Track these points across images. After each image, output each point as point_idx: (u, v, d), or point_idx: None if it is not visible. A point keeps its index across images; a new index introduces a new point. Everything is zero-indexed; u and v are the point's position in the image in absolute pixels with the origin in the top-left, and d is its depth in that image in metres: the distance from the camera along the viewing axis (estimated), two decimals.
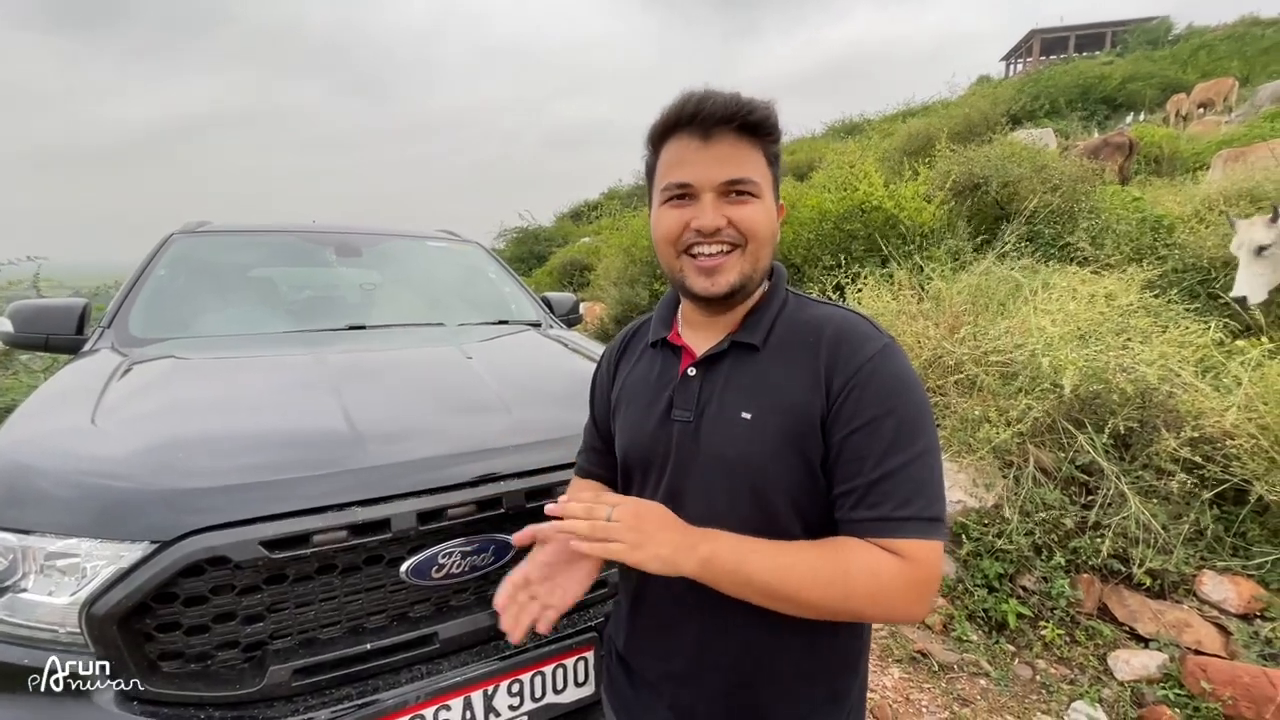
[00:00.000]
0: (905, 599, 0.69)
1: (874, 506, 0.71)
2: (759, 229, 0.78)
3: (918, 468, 0.71)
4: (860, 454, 0.72)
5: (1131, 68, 18.03)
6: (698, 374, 0.84)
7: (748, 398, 0.79)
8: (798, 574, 0.69)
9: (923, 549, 0.70)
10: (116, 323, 2.02)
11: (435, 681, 1.11)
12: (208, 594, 1.01)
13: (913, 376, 0.76)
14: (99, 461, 1.10)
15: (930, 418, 0.75)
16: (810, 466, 0.76)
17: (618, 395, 0.97)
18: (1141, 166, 8.81)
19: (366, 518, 1.09)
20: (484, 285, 2.79)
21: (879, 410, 0.72)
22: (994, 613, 2.37)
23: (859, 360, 0.75)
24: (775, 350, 0.81)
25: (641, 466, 0.89)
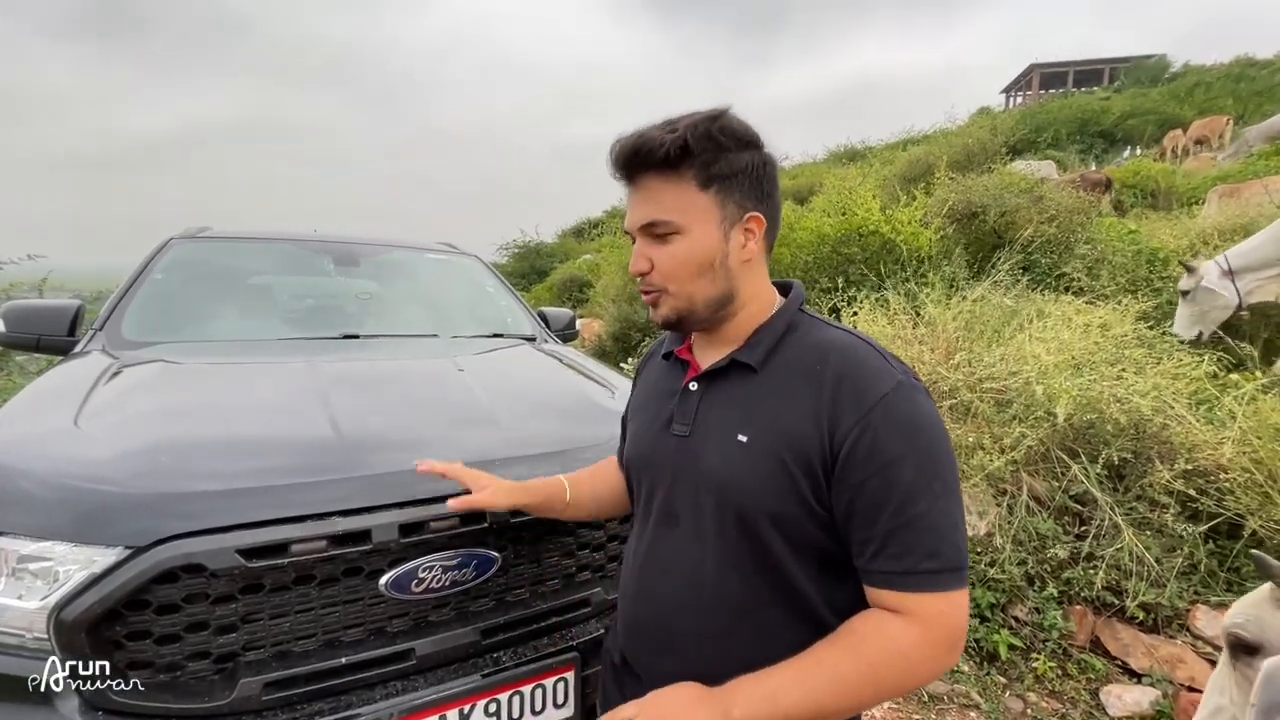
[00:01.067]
0: (934, 662, 0.69)
1: (896, 558, 0.69)
2: (676, 269, 0.79)
3: (939, 513, 0.69)
4: (877, 501, 0.70)
5: (1129, 103, 18.34)
6: (698, 389, 0.85)
7: (744, 420, 0.78)
8: (827, 690, 0.68)
9: (948, 602, 0.69)
10: (109, 325, 2.01)
11: (411, 699, 1.08)
12: (181, 602, 0.99)
13: (928, 414, 0.72)
14: (77, 464, 1.08)
15: (950, 458, 0.72)
16: (801, 495, 0.73)
17: (632, 402, 1.02)
18: (1138, 200, 8.92)
19: (347, 528, 1.07)
20: (480, 298, 2.80)
21: (892, 455, 0.69)
22: (985, 643, 2.34)
23: (869, 401, 0.71)
24: (776, 373, 0.79)
25: (640, 477, 0.91)
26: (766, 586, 0.76)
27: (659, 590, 0.83)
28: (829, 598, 0.76)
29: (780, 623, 0.76)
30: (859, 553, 0.72)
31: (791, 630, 0.75)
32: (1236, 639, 1.09)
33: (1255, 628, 1.06)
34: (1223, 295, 3.71)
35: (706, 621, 0.79)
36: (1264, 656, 1.05)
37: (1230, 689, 1.12)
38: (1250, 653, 1.08)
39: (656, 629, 0.84)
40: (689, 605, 0.80)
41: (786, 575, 0.76)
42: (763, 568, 0.76)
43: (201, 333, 2.08)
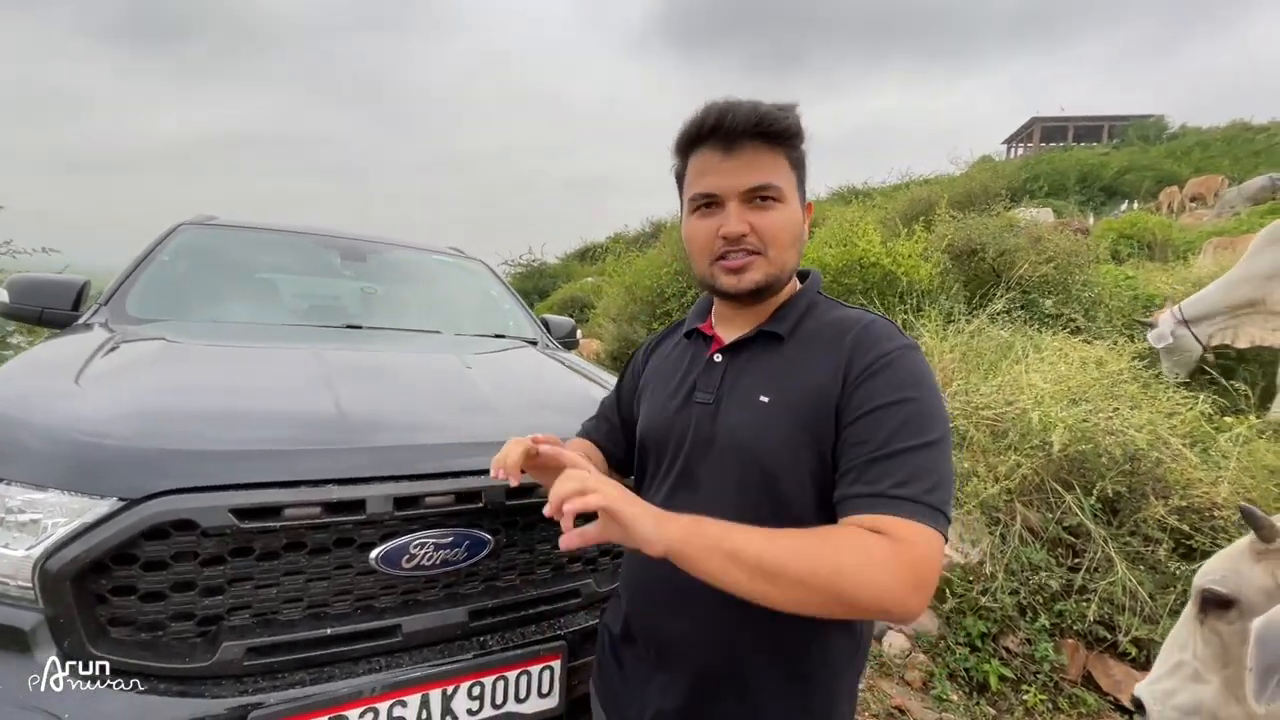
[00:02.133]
0: (898, 580, 0.63)
1: (870, 483, 0.69)
2: (779, 234, 0.82)
3: (923, 456, 0.69)
4: (865, 436, 0.72)
5: (1128, 159, 18.77)
6: (723, 360, 0.87)
7: (768, 383, 0.81)
8: (785, 549, 0.65)
9: (917, 531, 0.66)
10: (114, 302, 2.02)
11: (394, 675, 1.06)
12: (169, 559, 0.98)
13: (930, 377, 0.76)
14: (76, 417, 1.08)
15: (944, 418, 0.74)
16: (820, 451, 0.76)
17: (644, 381, 1.01)
18: (1135, 250, 9.06)
19: (342, 497, 1.06)
20: (484, 301, 2.82)
21: (891, 398, 0.72)
22: (975, 673, 2.30)
23: (878, 351, 0.76)
24: (801, 341, 0.83)
25: (657, 448, 0.90)
26: None
27: None
28: None
29: None
30: (840, 484, 0.73)
31: None
32: (1211, 594, 1.08)
33: (1232, 582, 1.06)
34: (1186, 341, 3.98)
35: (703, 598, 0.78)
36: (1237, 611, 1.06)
37: (1195, 644, 1.12)
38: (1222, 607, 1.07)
39: (667, 591, 0.83)
40: None
41: None
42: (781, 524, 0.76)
43: (205, 315, 2.09)
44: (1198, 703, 1.12)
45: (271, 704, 0.97)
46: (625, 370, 1.10)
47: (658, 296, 6.55)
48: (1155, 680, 1.20)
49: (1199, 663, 1.11)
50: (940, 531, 0.68)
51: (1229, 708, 1.07)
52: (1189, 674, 1.12)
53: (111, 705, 0.90)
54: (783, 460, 0.77)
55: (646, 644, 0.87)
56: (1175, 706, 1.14)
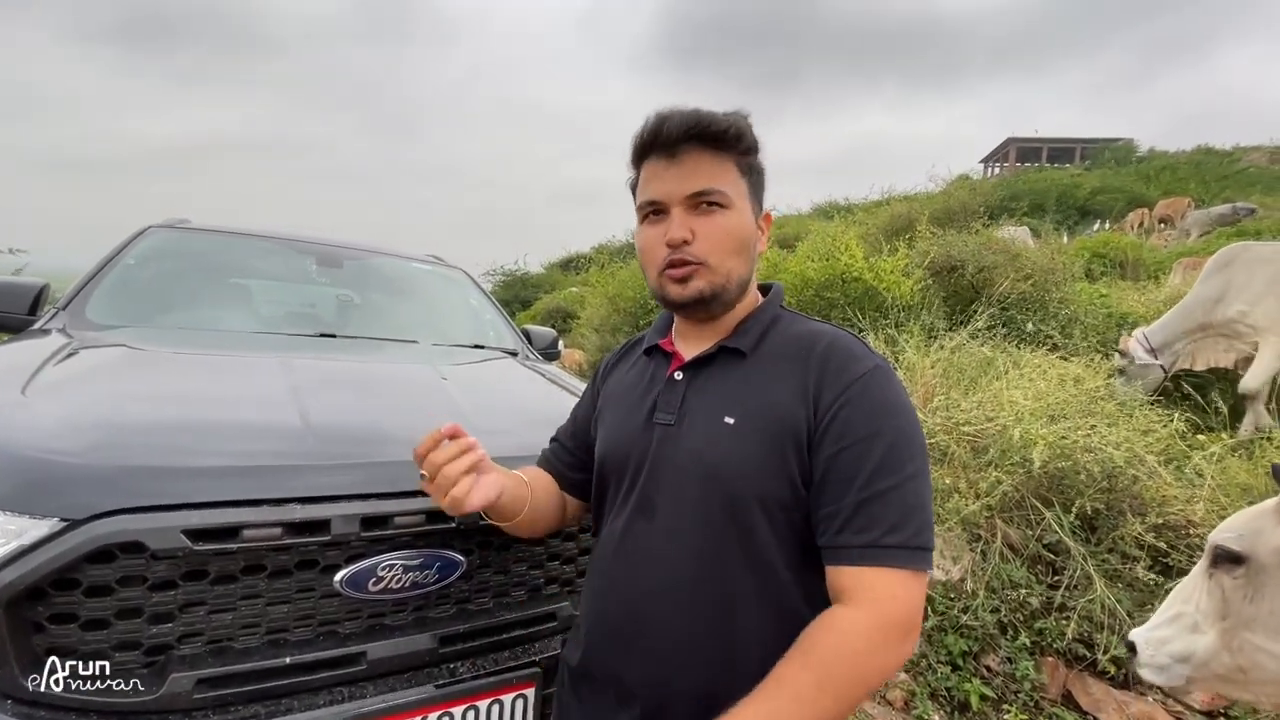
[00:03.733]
0: (886, 649, 0.66)
1: (861, 531, 0.68)
2: (722, 240, 0.79)
3: (907, 492, 0.69)
4: (847, 475, 0.70)
5: (1100, 180, 19.28)
6: (684, 378, 0.84)
7: (732, 403, 0.78)
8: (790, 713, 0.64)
9: (904, 583, 0.67)
10: (73, 307, 1.93)
11: (357, 706, 1.00)
12: (114, 584, 0.91)
13: (904, 400, 0.74)
14: (15, 430, 1.01)
15: (921, 443, 0.73)
16: (790, 477, 0.73)
17: (602, 401, 0.97)
18: (1108, 269, 9.27)
19: (305, 516, 1.01)
20: (464, 310, 2.76)
21: (867, 431, 0.71)
22: (957, 692, 2.28)
23: (848, 378, 0.73)
24: (764, 359, 0.80)
25: (617, 472, 0.86)
26: (748, 576, 0.73)
27: (632, 583, 0.79)
28: (808, 592, 0.74)
29: (757, 617, 0.73)
30: (824, 529, 0.71)
31: (768, 625, 0.72)
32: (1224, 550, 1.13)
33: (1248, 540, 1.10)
34: (1153, 367, 4.17)
35: (682, 614, 0.75)
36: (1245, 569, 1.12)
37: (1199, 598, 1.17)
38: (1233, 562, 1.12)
39: (626, 622, 0.79)
40: (665, 597, 0.76)
41: (769, 564, 0.73)
42: (746, 556, 0.73)
43: (170, 322, 2.01)
44: (1190, 652, 1.17)
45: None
46: (583, 395, 1.07)
47: (640, 308, 6.53)
48: (1153, 628, 1.25)
49: (1200, 615, 1.16)
50: (927, 569, 0.69)
51: (1220, 657, 1.14)
52: (1188, 625, 1.18)
53: None
54: (748, 484, 0.74)
55: (605, 680, 0.82)
56: (1168, 653, 1.20)
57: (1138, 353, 4.25)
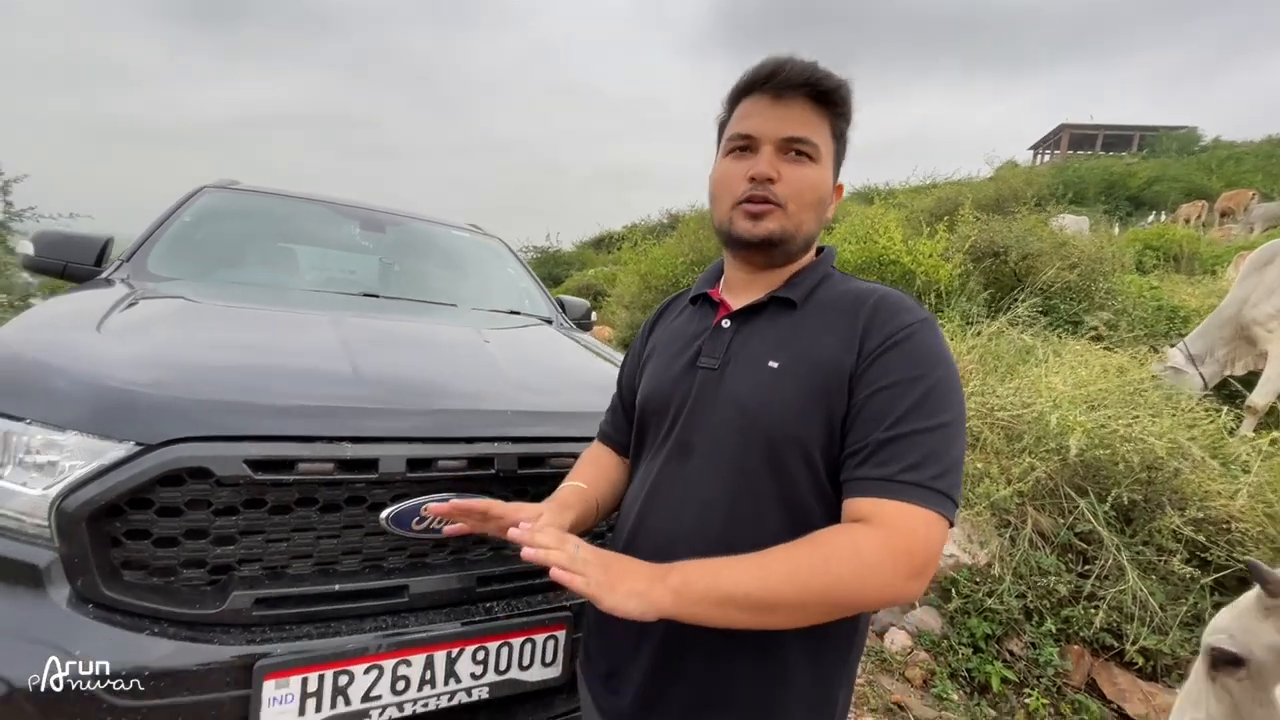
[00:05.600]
0: (892, 573, 0.64)
1: (881, 465, 0.68)
2: (804, 191, 0.80)
3: (937, 437, 0.68)
4: (879, 414, 0.70)
5: (1157, 169, 18.40)
6: (731, 326, 0.85)
7: (778, 349, 0.78)
8: (777, 574, 0.64)
9: (919, 517, 0.65)
10: (135, 259, 2.03)
11: (399, 634, 1.06)
12: (183, 506, 0.98)
13: (947, 354, 0.74)
14: (97, 363, 1.09)
15: (960, 397, 0.73)
16: (831, 424, 0.73)
17: (648, 352, 0.98)
18: (1160, 262, 8.90)
19: (355, 455, 1.06)
20: (501, 277, 2.81)
21: (906, 375, 0.71)
22: (978, 674, 2.28)
23: (896, 325, 0.74)
24: (814, 310, 0.81)
25: (657, 415, 0.88)
26: (783, 521, 0.74)
27: (663, 523, 0.81)
28: None
29: None
30: (847, 464, 0.71)
31: None
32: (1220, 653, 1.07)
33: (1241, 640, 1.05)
34: (1190, 378, 3.95)
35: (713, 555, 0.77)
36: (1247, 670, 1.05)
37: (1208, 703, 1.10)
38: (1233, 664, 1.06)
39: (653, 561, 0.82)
40: (696, 538, 0.77)
41: (805, 509, 0.74)
42: (781, 500, 0.74)
43: (224, 276, 2.10)
44: None
45: (278, 654, 0.97)
46: (627, 357, 1.07)
47: (672, 285, 6.52)
48: None
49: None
50: (946, 516, 0.67)
51: None
52: None
53: (123, 645, 0.91)
54: (789, 428, 0.74)
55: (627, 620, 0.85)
56: None
57: (1177, 361, 4.10)
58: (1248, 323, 3.93)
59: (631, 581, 0.65)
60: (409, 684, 1.06)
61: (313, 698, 0.99)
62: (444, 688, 1.09)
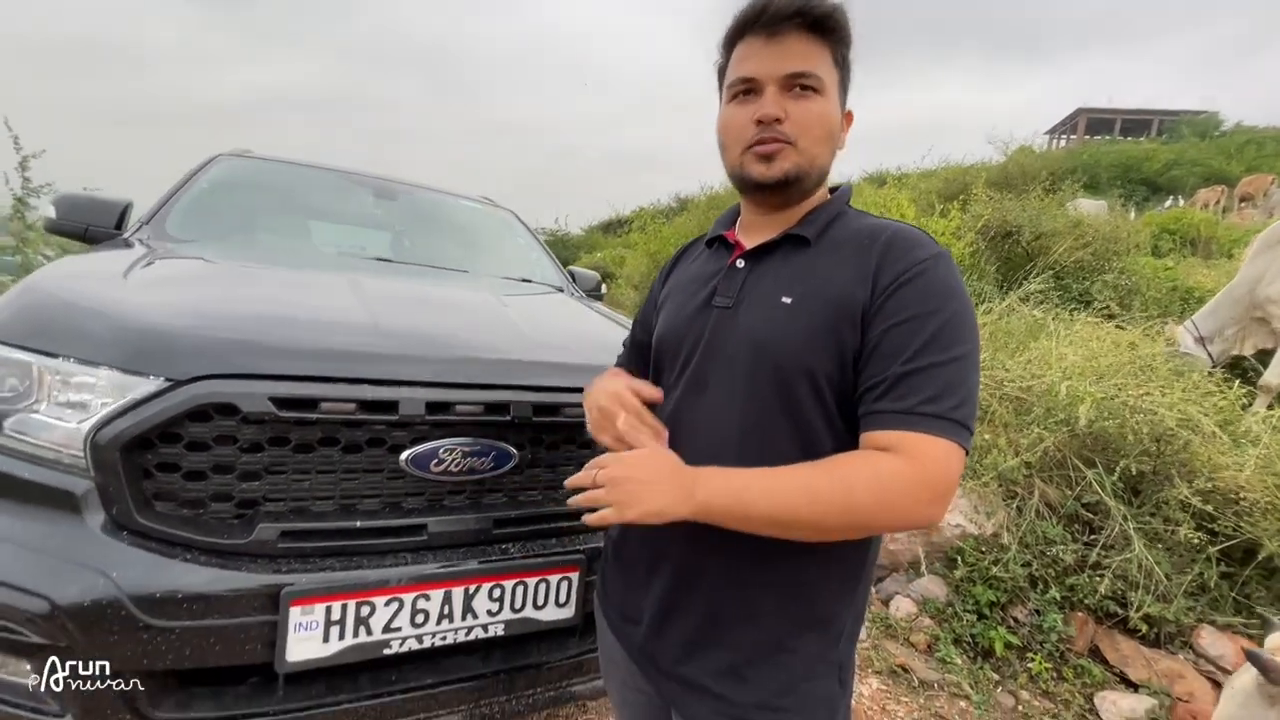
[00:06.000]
0: (914, 499, 0.67)
1: (899, 399, 0.69)
2: (813, 125, 0.80)
3: (952, 370, 0.69)
4: (894, 350, 0.71)
5: (1175, 153, 18.07)
6: (745, 266, 0.86)
7: (791, 285, 0.79)
8: (797, 497, 0.67)
9: (940, 447, 0.67)
10: (154, 223, 2.07)
11: (419, 569, 1.10)
12: (210, 442, 1.02)
13: (961, 288, 0.75)
14: (125, 304, 1.12)
15: (974, 330, 0.73)
16: (843, 358, 0.74)
17: (665, 295, 1.00)
18: (1176, 246, 8.78)
19: (375, 396, 1.09)
20: (513, 247, 2.83)
21: (921, 309, 0.71)
22: (981, 639, 2.31)
23: (910, 261, 0.74)
24: (828, 247, 0.81)
25: (672, 353, 0.89)
26: (793, 449, 0.76)
27: (679, 452, 0.83)
28: None
29: None
30: (865, 399, 0.72)
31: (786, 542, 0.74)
32: None
33: None
34: (1198, 359, 3.91)
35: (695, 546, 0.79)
36: None
37: None
38: None
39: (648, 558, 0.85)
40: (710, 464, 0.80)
41: (815, 439, 0.75)
42: (791, 429, 0.76)
43: (240, 240, 2.13)
44: None
45: (303, 584, 1.01)
46: (664, 278, 1.07)
47: None
48: None
49: None
50: (963, 445, 0.69)
51: None
52: None
53: (155, 569, 0.95)
54: (800, 361, 0.75)
55: (643, 547, 0.87)
56: None
57: (1185, 341, 4.08)
58: (1261, 301, 3.90)
59: (648, 502, 0.69)
60: (428, 617, 1.10)
61: (336, 625, 1.03)
62: (461, 623, 1.13)
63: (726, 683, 0.77)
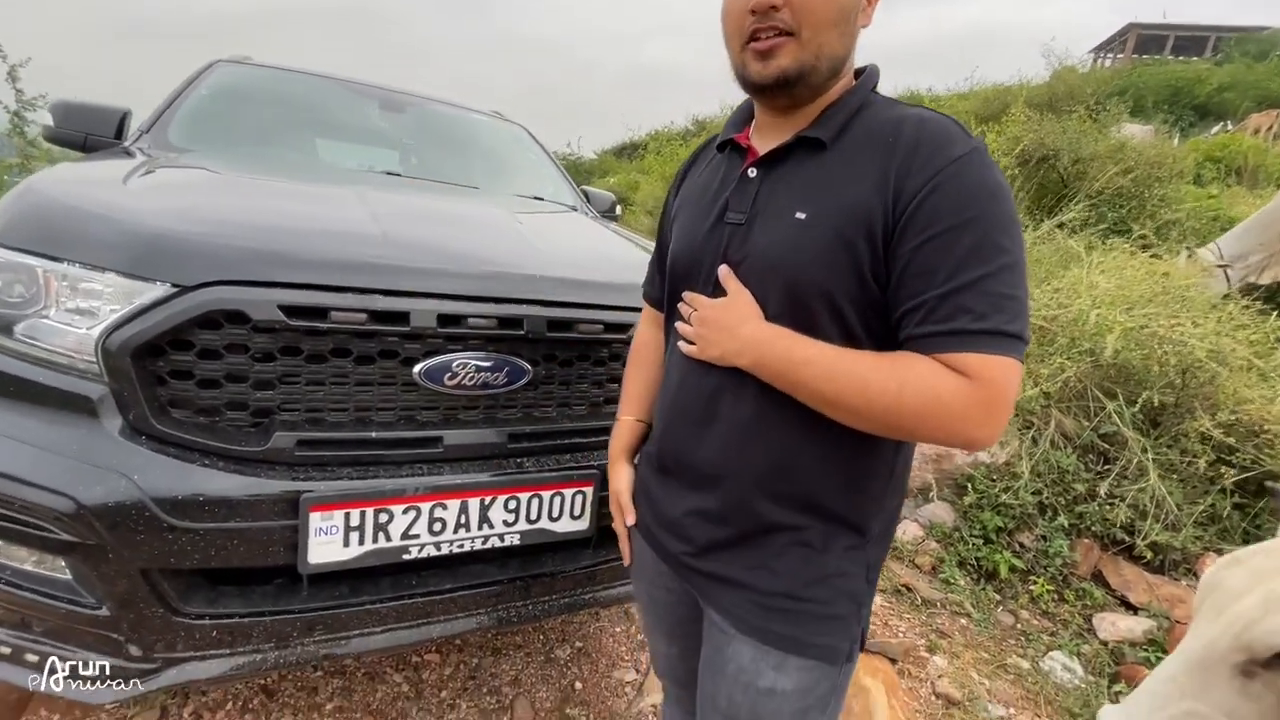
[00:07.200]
0: (967, 420, 0.63)
1: (944, 320, 0.64)
2: (815, 8, 0.70)
3: (997, 282, 0.63)
4: (931, 266, 0.64)
5: (1230, 75, 16.86)
6: (758, 175, 0.78)
7: (805, 198, 0.72)
8: (847, 384, 0.66)
9: (996, 366, 0.62)
10: (154, 131, 1.99)
11: (434, 480, 1.11)
12: (222, 350, 1.00)
13: (1001, 186, 0.67)
14: (129, 210, 1.08)
15: (1017, 231, 0.67)
16: (859, 271, 0.68)
17: (677, 205, 0.93)
18: (1220, 175, 8.34)
19: (386, 307, 1.07)
20: (525, 164, 2.72)
21: (956, 219, 0.64)
22: (986, 562, 2.36)
23: (939, 163, 0.66)
24: (846, 149, 0.73)
25: (686, 276, 0.84)
26: None
27: (701, 377, 0.80)
28: None
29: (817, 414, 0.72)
30: (905, 324, 0.67)
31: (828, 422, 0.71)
32: None
33: None
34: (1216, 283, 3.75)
35: (745, 404, 0.76)
36: None
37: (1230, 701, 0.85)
38: None
39: (695, 413, 0.81)
40: (727, 389, 0.77)
41: None
42: None
43: (243, 150, 2.05)
44: None
45: (321, 491, 1.02)
46: (675, 187, 1.01)
47: None
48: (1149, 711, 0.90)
49: None
50: (1018, 359, 0.64)
51: None
52: None
53: (175, 473, 0.96)
54: (817, 282, 0.70)
55: (678, 468, 0.85)
56: None
57: (1207, 260, 3.90)
58: None
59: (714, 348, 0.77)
60: (445, 525, 1.12)
61: (355, 531, 1.05)
62: (478, 531, 1.15)
63: (757, 574, 0.77)
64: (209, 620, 1.02)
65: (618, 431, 1.04)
